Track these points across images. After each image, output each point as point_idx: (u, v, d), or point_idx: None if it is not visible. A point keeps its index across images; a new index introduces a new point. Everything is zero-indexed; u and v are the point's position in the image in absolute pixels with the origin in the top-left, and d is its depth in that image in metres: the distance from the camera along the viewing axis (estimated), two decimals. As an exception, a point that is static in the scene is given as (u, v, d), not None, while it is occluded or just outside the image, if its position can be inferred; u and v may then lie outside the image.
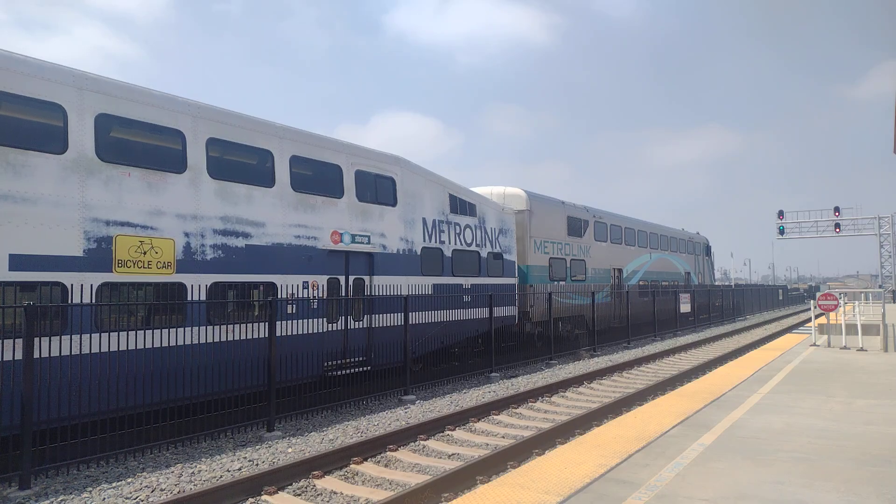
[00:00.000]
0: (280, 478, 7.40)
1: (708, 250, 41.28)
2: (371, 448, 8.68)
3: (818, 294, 17.97)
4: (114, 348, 8.59)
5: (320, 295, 12.05)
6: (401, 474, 7.79)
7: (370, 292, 13.28)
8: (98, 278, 8.77)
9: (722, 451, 6.33)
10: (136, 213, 9.27)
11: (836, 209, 56.06)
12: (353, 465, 8.12)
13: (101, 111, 9.06)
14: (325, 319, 11.99)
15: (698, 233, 40.20)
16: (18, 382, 7.41)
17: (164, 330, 9.22)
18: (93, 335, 8.46)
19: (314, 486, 7.43)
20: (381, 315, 13.36)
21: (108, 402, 8.34)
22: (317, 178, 12.46)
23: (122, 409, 8.55)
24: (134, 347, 8.83)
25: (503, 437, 9.66)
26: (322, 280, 12.19)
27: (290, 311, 11.21)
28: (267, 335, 10.19)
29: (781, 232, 57.79)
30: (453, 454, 8.67)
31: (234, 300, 10.66)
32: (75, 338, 8.17)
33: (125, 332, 8.77)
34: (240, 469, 7.97)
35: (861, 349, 15.38)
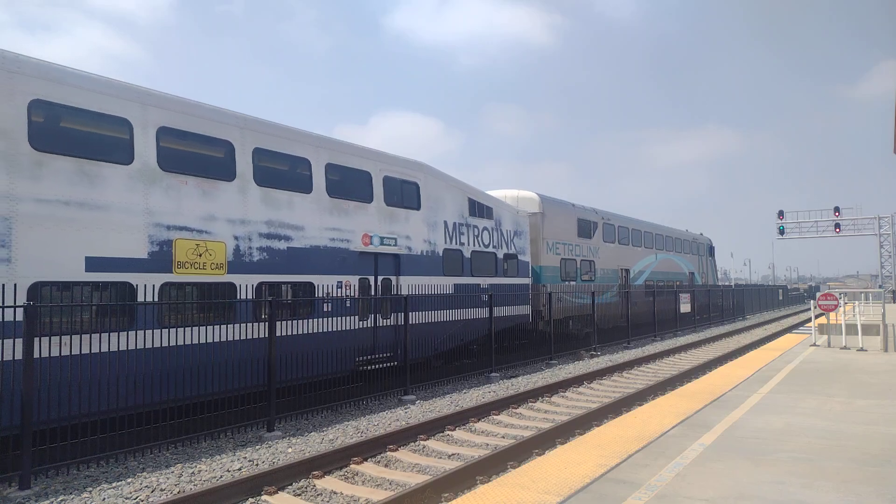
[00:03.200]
0: (280, 478, 7.40)
1: (711, 251, 41.84)
2: (371, 448, 8.68)
3: (818, 294, 17.96)
4: (171, 344, 9.26)
5: (353, 294, 12.77)
6: (401, 474, 7.79)
7: (397, 292, 13.98)
8: (160, 279, 9.48)
9: (722, 451, 6.33)
10: (192, 218, 10.00)
11: (836, 209, 56.10)
12: (353, 465, 8.12)
13: (161, 124, 9.79)
14: (357, 317, 12.70)
15: (701, 234, 40.70)
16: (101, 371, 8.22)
17: (220, 326, 10.01)
18: (155, 331, 9.13)
19: (314, 486, 7.43)
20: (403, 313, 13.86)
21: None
22: (349, 184, 13.20)
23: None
24: (189, 343, 9.48)
25: (503, 437, 9.66)
26: (354, 280, 12.93)
27: (325, 308, 11.92)
28: (268, 334, 10.18)
29: (781, 232, 57.81)
30: (453, 454, 8.67)
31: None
32: (140, 333, 8.89)
33: (185, 329, 9.48)
34: (240, 469, 7.97)
35: (861, 349, 15.37)
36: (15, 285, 7.72)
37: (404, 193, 14.54)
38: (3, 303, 7.52)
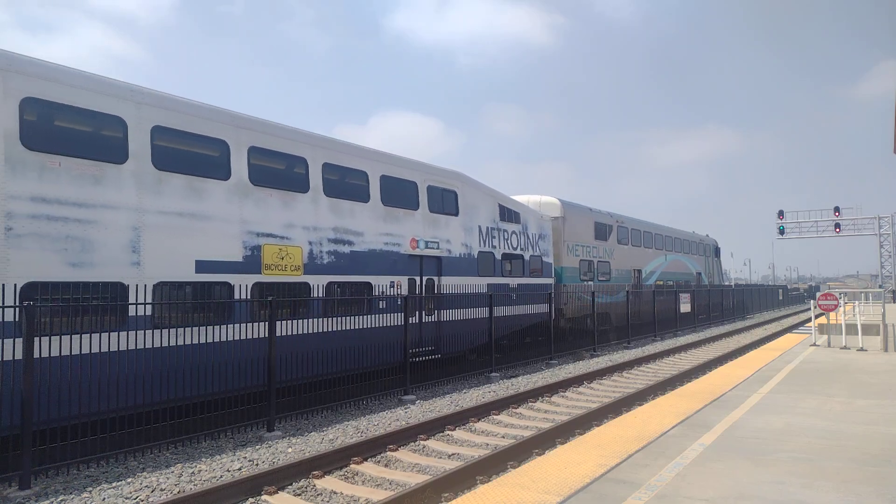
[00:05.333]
0: (280, 478, 7.40)
1: (717, 252, 43.22)
2: (371, 448, 8.68)
3: (818, 294, 17.95)
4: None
5: (402, 293, 14.06)
6: (401, 474, 7.79)
7: (439, 291, 15.30)
8: (252, 279, 10.74)
9: (722, 451, 6.33)
10: (276, 226, 11.30)
11: (836, 209, 56.08)
12: (353, 465, 8.12)
13: (251, 144, 11.08)
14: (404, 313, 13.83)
15: (707, 235, 41.92)
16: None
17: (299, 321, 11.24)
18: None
19: (314, 486, 7.43)
20: (447, 311, 15.41)
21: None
22: (399, 193, 14.48)
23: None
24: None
25: (503, 437, 9.66)
26: (403, 280, 14.26)
27: (381, 306, 13.35)
28: (268, 334, 10.18)
29: (781, 232, 57.79)
30: (453, 454, 8.67)
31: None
32: (236, 327, 10.12)
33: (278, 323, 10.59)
34: (240, 469, 7.97)
35: (861, 349, 15.37)
36: (145, 285, 9.09)
37: (445, 201, 15.85)
38: (136, 299, 8.87)
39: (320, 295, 11.89)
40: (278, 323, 10.43)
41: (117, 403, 8.36)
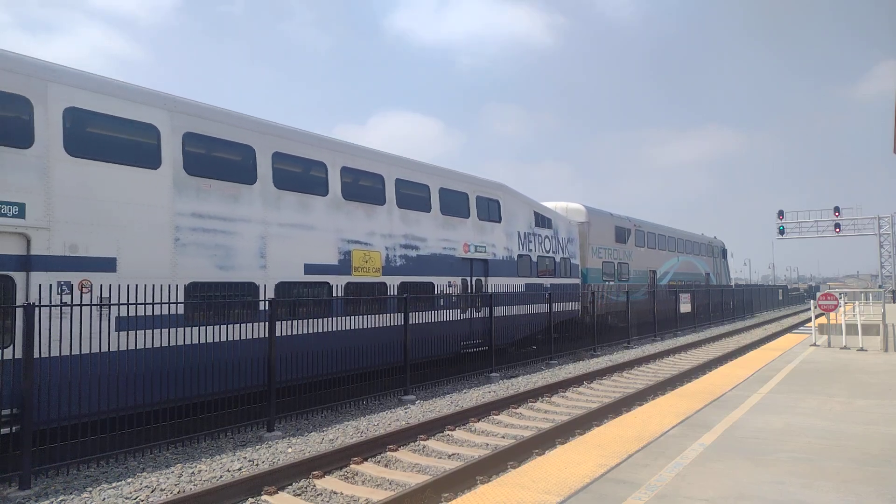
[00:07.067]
0: (280, 478, 7.40)
1: (724, 253, 44.85)
2: (371, 448, 8.68)
3: (818, 294, 17.94)
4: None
5: (458, 292, 15.87)
6: (401, 474, 7.79)
7: (487, 290, 16.93)
8: (344, 279, 12.53)
9: (722, 451, 6.33)
10: (361, 234, 13.11)
11: (836, 209, 56.07)
12: (353, 465, 8.12)
13: (343, 164, 12.88)
14: (460, 310, 15.83)
15: (715, 237, 43.30)
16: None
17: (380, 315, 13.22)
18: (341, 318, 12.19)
19: (314, 486, 7.43)
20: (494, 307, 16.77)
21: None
22: (454, 203, 16.27)
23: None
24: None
25: (503, 437, 9.66)
26: (458, 280, 16.05)
27: (441, 303, 15.09)
28: (267, 335, 10.17)
29: (781, 232, 57.79)
30: (453, 454, 8.67)
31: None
32: (335, 319, 11.91)
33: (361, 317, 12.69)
34: (240, 469, 7.97)
35: (861, 349, 15.37)
36: (268, 285, 10.85)
37: (490, 209, 17.63)
38: (265, 296, 10.69)
39: (394, 293, 13.69)
40: (368, 316, 12.70)
41: (118, 403, 8.36)
